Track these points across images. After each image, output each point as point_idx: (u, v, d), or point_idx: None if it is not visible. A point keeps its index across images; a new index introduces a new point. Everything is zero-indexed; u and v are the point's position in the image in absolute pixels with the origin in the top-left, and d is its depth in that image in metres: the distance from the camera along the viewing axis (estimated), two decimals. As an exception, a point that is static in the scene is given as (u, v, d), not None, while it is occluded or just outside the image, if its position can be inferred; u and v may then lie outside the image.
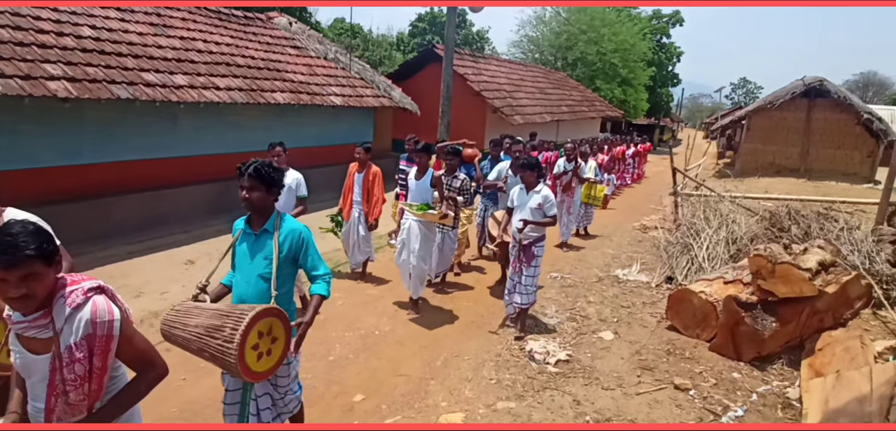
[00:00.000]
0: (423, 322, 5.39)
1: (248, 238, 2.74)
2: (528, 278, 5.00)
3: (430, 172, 5.35)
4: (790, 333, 4.77)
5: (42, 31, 7.11)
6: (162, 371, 1.95)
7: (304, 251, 2.73)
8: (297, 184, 5.12)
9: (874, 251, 6.23)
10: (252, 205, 2.65)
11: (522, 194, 5.03)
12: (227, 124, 9.43)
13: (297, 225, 2.74)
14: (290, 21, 13.65)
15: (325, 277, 2.74)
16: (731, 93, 78.52)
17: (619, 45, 28.47)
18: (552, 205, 4.88)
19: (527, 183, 4.96)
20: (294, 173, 5.11)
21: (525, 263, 4.96)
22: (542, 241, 5.06)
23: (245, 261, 2.72)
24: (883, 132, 17.23)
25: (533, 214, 4.86)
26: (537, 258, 5.00)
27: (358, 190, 6.07)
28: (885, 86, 57.00)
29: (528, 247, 4.95)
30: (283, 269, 2.68)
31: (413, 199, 5.39)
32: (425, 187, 5.33)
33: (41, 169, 6.93)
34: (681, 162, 11.20)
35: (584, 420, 3.77)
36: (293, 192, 5.07)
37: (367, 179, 6.02)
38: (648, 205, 12.92)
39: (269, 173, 2.62)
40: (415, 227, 5.31)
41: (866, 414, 2.68)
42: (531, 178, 4.90)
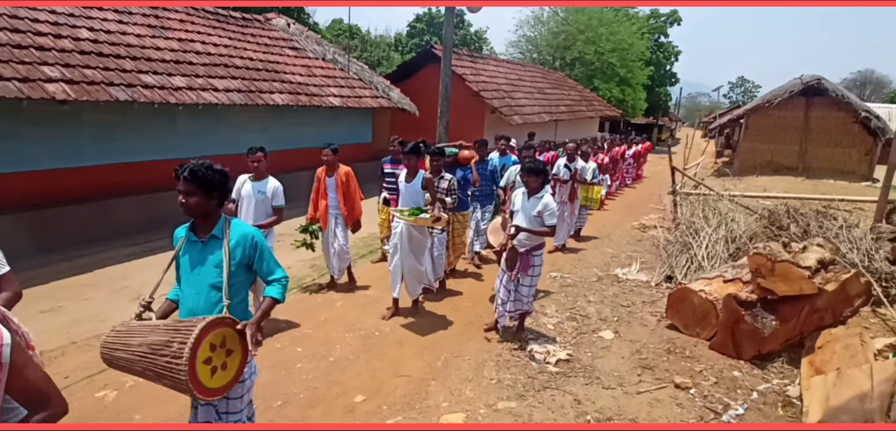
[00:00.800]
0: (422, 323, 5.38)
1: (194, 246, 2.52)
2: (525, 288, 4.79)
3: (420, 174, 5.17)
4: (790, 331, 4.77)
5: (40, 33, 7.10)
6: (58, 410, 1.64)
7: (259, 256, 2.57)
8: (274, 192, 4.89)
9: (873, 249, 6.24)
10: (190, 211, 2.44)
11: (524, 199, 4.81)
12: (226, 125, 9.42)
13: (248, 229, 2.58)
14: (288, 22, 13.64)
15: (282, 281, 2.60)
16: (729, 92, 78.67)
17: (617, 45, 28.50)
18: (552, 214, 4.64)
19: (530, 188, 4.74)
20: (273, 182, 4.91)
21: (522, 271, 4.73)
22: (540, 249, 4.83)
23: (193, 271, 2.51)
24: (881, 130, 17.27)
25: (531, 222, 4.64)
26: (535, 267, 4.78)
27: (332, 194, 5.77)
28: (883, 85, 57.12)
29: (526, 255, 4.73)
30: (235, 277, 2.50)
31: (404, 203, 5.21)
32: (416, 190, 5.15)
33: (40, 171, 6.92)
34: (679, 161, 11.21)
35: (585, 419, 3.77)
36: (268, 202, 4.87)
37: (341, 181, 5.74)
38: (647, 204, 12.92)
39: (206, 175, 2.40)
40: (407, 231, 5.16)
41: (867, 412, 2.68)
42: (535, 184, 4.68)
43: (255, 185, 4.91)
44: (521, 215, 4.74)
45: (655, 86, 35.67)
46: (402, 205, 5.21)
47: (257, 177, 4.94)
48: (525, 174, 4.73)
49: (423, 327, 5.28)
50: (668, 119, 41.24)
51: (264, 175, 4.94)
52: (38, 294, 5.57)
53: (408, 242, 5.17)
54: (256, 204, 4.85)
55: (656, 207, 12.18)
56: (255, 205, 4.85)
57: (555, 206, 4.70)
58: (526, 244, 4.70)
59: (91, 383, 3.96)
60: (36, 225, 6.59)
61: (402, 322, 5.36)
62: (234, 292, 2.48)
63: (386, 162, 6.74)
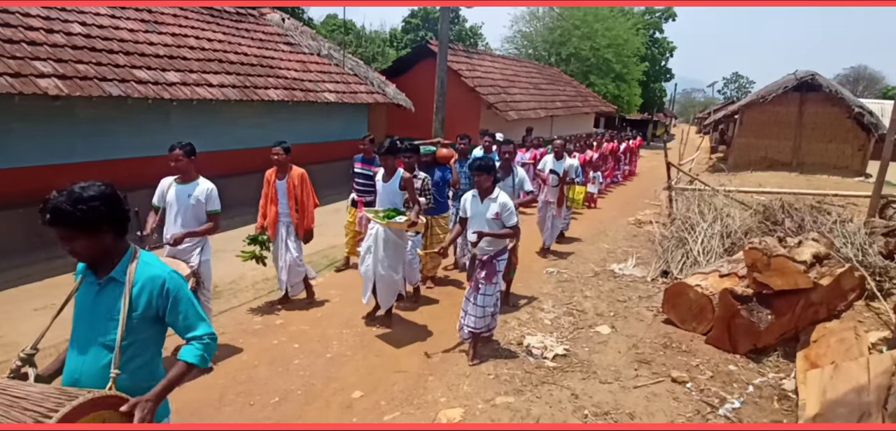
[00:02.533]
0: (419, 319, 5.38)
1: (90, 289, 1.97)
2: (486, 298, 4.35)
3: (399, 173, 4.87)
4: (785, 325, 4.80)
5: (31, 28, 7.02)
6: None
7: (172, 306, 1.99)
8: (207, 196, 4.20)
9: (867, 243, 6.29)
10: (81, 258, 1.94)
11: (476, 202, 4.38)
12: (221, 122, 9.37)
13: (159, 270, 1.99)
14: (282, 17, 13.56)
15: (205, 340, 2.03)
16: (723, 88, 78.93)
17: (613, 41, 28.52)
18: (511, 214, 4.28)
19: (481, 189, 4.33)
20: (204, 183, 4.25)
21: (485, 280, 4.31)
22: (503, 255, 4.45)
23: (84, 322, 1.97)
24: (874, 125, 17.37)
25: (490, 225, 4.28)
26: (499, 274, 4.44)
27: (283, 200, 5.16)
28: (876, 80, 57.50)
29: (489, 262, 4.33)
30: (138, 333, 1.95)
31: (381, 203, 4.92)
32: (394, 190, 4.86)
33: (32, 168, 6.85)
34: (675, 157, 11.24)
35: (582, 413, 3.78)
36: (201, 207, 4.20)
37: (292, 185, 5.13)
38: (642, 199, 12.96)
39: (80, 212, 1.82)
40: (383, 234, 4.81)
41: (864, 404, 2.70)
42: (486, 183, 4.28)
43: (182, 188, 4.18)
44: (475, 220, 4.37)
45: (650, 82, 35.71)
46: (380, 205, 4.93)
47: (184, 178, 4.21)
48: (474, 173, 4.31)
49: (420, 323, 5.27)
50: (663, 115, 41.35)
51: (193, 176, 4.21)
52: (32, 291, 5.53)
53: (383, 247, 4.79)
54: (186, 210, 4.15)
55: (652, 203, 12.22)
56: (183, 211, 4.15)
57: (512, 206, 4.34)
58: (488, 250, 4.36)
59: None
60: (29, 223, 6.52)
61: (398, 318, 5.35)
62: (134, 353, 1.95)
63: (357, 160, 6.34)
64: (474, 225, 4.37)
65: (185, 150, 4.16)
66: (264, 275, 6.32)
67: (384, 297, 4.98)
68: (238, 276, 6.33)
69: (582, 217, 10.68)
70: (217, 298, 5.66)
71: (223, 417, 3.60)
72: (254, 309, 5.39)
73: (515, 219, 4.33)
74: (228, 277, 6.27)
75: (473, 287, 4.38)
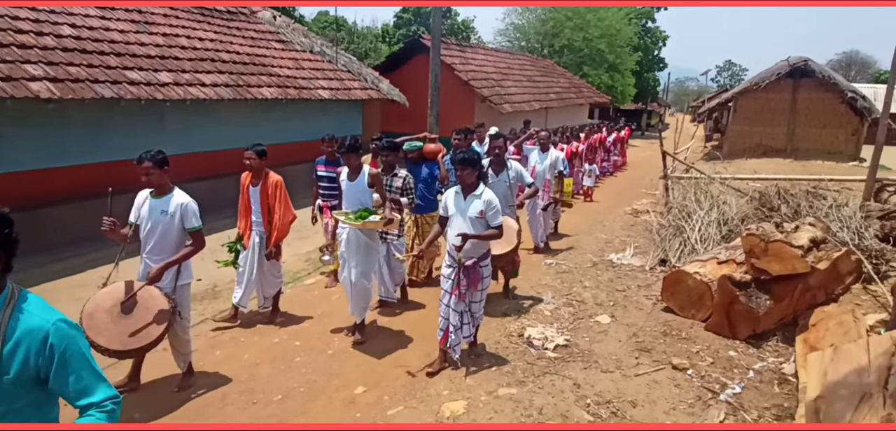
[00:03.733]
0: (419, 313, 5.38)
1: None
2: (474, 305, 4.13)
3: (364, 171, 4.47)
4: (784, 310, 4.83)
5: (21, 31, 6.94)
6: None
7: (59, 366, 1.57)
8: (183, 212, 3.62)
9: (863, 227, 6.33)
10: None
11: (458, 200, 4.00)
12: (215, 121, 9.31)
13: (41, 320, 1.58)
14: (274, 15, 13.47)
15: (104, 406, 1.63)
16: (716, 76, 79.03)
17: (605, 31, 28.49)
18: (496, 213, 3.92)
19: (464, 184, 3.95)
20: (179, 196, 3.67)
21: (471, 287, 3.99)
22: (486, 259, 4.11)
23: None
24: (867, 110, 17.47)
25: (474, 226, 3.89)
26: (484, 279, 4.09)
27: (256, 208, 4.77)
28: (868, 65, 57.73)
29: (474, 267, 3.96)
30: (12, 401, 1.56)
31: (348, 205, 4.52)
32: (361, 188, 4.46)
33: (25, 172, 6.79)
34: (670, 146, 11.26)
35: (584, 403, 3.79)
36: (177, 224, 3.63)
37: (265, 193, 4.72)
38: (639, 189, 12.99)
39: None
40: (354, 238, 4.48)
41: (866, 385, 2.73)
42: (470, 178, 3.92)
43: (156, 203, 3.64)
44: (459, 219, 3.97)
45: (644, 72, 35.73)
46: (347, 207, 4.55)
47: (158, 191, 3.66)
48: (458, 167, 3.93)
49: (421, 317, 5.28)
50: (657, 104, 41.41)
51: (167, 188, 3.67)
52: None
53: (354, 251, 4.50)
54: (160, 228, 3.62)
55: (648, 192, 12.26)
56: (157, 229, 3.63)
57: (498, 204, 3.99)
58: (473, 254, 3.96)
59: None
60: (25, 227, 6.39)
61: (398, 313, 5.35)
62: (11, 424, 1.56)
63: (319, 163, 5.89)
64: (457, 226, 3.96)
65: (154, 161, 3.57)
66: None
67: (356, 305, 4.63)
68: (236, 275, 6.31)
69: (577, 209, 10.70)
70: (216, 298, 5.65)
71: (226, 416, 3.60)
72: (254, 309, 5.38)
73: (500, 219, 3.97)
74: (227, 276, 6.23)
75: (459, 296, 3.99)
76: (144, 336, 3.33)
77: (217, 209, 8.74)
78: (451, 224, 4.03)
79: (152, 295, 3.48)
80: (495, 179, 5.33)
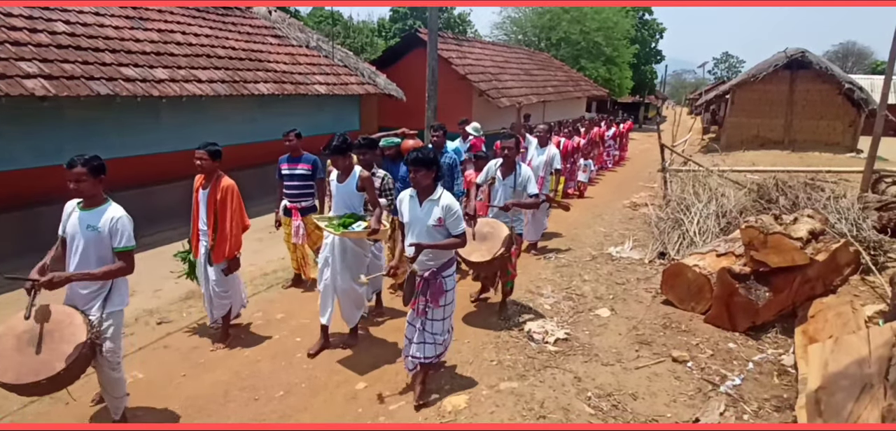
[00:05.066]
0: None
1: None
2: (435, 323, 3.62)
3: (356, 172, 4.18)
4: (783, 302, 4.85)
5: (14, 28, 6.88)
6: None
7: None
8: (111, 228, 3.06)
9: (861, 218, 6.35)
10: None
11: (413, 205, 3.59)
12: (211, 117, 9.26)
13: None
14: (269, 10, 13.39)
15: None
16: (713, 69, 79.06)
17: (602, 24, 28.45)
18: (457, 219, 3.49)
19: (420, 187, 3.52)
20: (113, 210, 3.11)
21: (431, 302, 3.54)
22: (450, 269, 3.65)
23: None
24: (864, 101, 17.50)
25: (431, 234, 3.50)
26: (448, 293, 3.62)
27: (203, 214, 4.26)
28: (865, 56, 57.83)
29: (434, 279, 3.53)
30: None
31: (337, 208, 4.26)
32: (351, 191, 4.18)
33: (21, 170, 6.74)
34: (667, 138, 11.25)
35: (585, 396, 3.80)
36: (106, 242, 3.08)
37: (213, 198, 4.17)
38: (637, 182, 13.00)
39: None
40: (339, 243, 4.20)
41: (866, 376, 2.74)
42: (426, 181, 3.47)
43: (84, 215, 3.11)
44: (414, 228, 3.58)
45: (641, 65, 35.71)
46: (335, 211, 4.29)
47: (88, 203, 3.13)
48: (410, 167, 3.50)
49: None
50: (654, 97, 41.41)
51: (99, 199, 3.14)
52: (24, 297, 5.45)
53: (341, 258, 4.21)
54: (87, 246, 3.08)
55: (646, 185, 12.27)
56: (84, 247, 3.08)
57: (459, 208, 3.55)
58: (430, 264, 3.55)
59: (89, 382, 3.89)
60: (21, 226, 6.44)
61: (400, 308, 5.34)
62: None
63: (282, 161, 5.49)
64: (413, 234, 3.57)
65: (89, 167, 3.02)
66: (262, 270, 6.29)
67: (348, 313, 4.41)
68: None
69: (575, 203, 10.70)
70: (215, 295, 5.63)
71: (229, 413, 3.59)
72: (254, 305, 5.36)
73: (463, 226, 3.54)
74: (226, 274, 6.23)
75: (417, 311, 3.60)
76: (43, 368, 2.74)
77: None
78: (410, 232, 3.60)
79: (73, 322, 2.93)
80: (501, 183, 5.06)
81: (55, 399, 3.71)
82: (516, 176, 5.04)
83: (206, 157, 4.14)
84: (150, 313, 5.08)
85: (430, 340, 3.63)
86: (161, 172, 8.41)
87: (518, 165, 5.10)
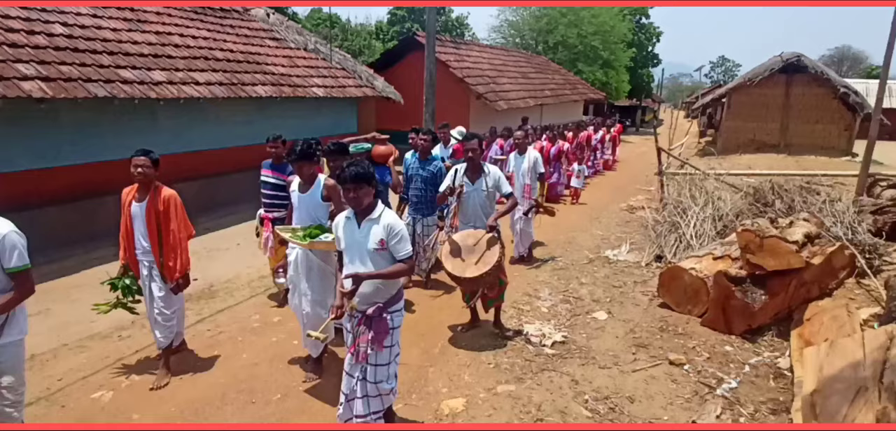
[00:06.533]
0: (418, 311, 5.38)
1: None
2: (379, 370, 3.03)
3: (319, 181, 3.84)
4: (779, 305, 4.87)
5: (11, 30, 6.87)
6: None
7: None
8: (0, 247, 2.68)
9: (856, 222, 6.38)
10: None
11: (350, 227, 3.02)
12: (209, 120, 9.26)
13: None
14: (267, 12, 13.41)
15: None
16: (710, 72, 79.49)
17: (599, 28, 28.53)
18: (402, 239, 2.96)
19: (357, 208, 2.96)
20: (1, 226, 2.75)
21: (374, 343, 2.96)
22: (398, 303, 3.10)
23: None
24: (859, 105, 17.58)
25: (373, 260, 2.94)
26: (394, 331, 3.06)
27: (141, 229, 3.80)
28: (860, 60, 58.17)
29: (378, 317, 2.97)
30: None
31: (300, 219, 3.86)
32: (315, 201, 3.78)
33: (18, 172, 6.73)
34: (664, 142, 11.30)
35: (582, 398, 3.81)
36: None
37: (153, 211, 3.76)
38: (634, 185, 13.04)
39: None
40: (305, 259, 3.79)
41: (861, 379, 2.76)
42: (364, 199, 2.93)
43: None
44: (351, 254, 3.00)
45: (638, 68, 35.80)
46: (298, 222, 3.88)
47: None
48: (345, 187, 2.93)
49: (419, 315, 5.28)
50: (651, 100, 41.51)
51: None
52: (23, 297, 5.44)
53: (306, 275, 3.81)
54: None
55: (643, 189, 12.31)
56: None
57: (402, 226, 3.00)
58: (374, 298, 2.99)
59: (86, 384, 3.89)
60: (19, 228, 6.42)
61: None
62: None
63: (265, 166, 5.16)
64: (350, 263, 3.00)
65: None
66: (260, 273, 6.29)
67: (310, 340, 3.77)
68: (234, 275, 6.30)
69: (572, 206, 10.73)
70: (213, 298, 5.63)
71: (225, 416, 3.59)
72: (251, 308, 5.36)
73: (409, 248, 3.00)
74: (224, 276, 6.24)
75: (357, 356, 3.00)
76: None
77: (212, 208, 8.72)
78: (348, 260, 3.03)
79: None
80: (472, 187, 4.69)
81: (52, 401, 3.70)
82: (485, 177, 4.67)
83: (149, 165, 3.77)
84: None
85: (375, 392, 3.06)
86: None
87: (484, 167, 4.74)
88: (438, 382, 4.02)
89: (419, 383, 4.02)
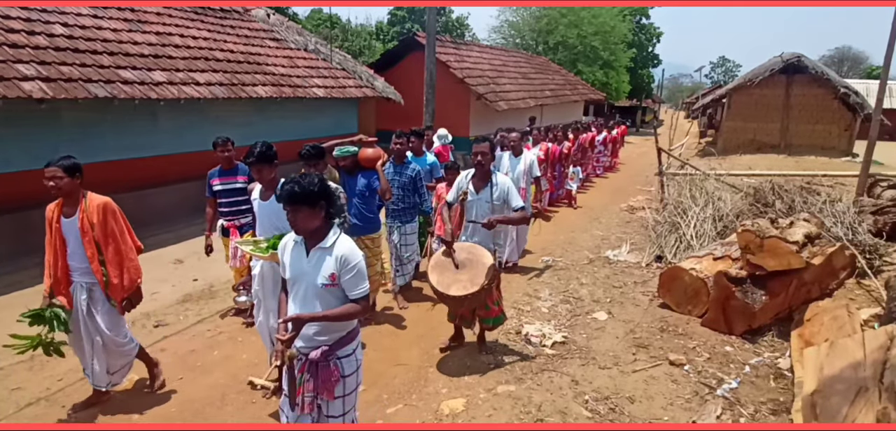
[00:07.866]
0: (417, 312, 5.38)
1: None
2: (335, 420, 2.56)
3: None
4: (779, 305, 4.87)
5: (12, 31, 6.88)
6: None
7: None
8: None
9: (856, 222, 6.38)
10: None
11: (298, 255, 2.50)
12: (209, 120, 9.26)
13: None
14: (267, 12, 13.42)
15: None
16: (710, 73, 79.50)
17: (600, 28, 28.53)
18: (358, 275, 2.44)
19: (306, 232, 2.44)
20: None
21: (324, 392, 2.47)
22: (349, 346, 2.54)
23: None
24: (859, 106, 17.58)
25: (321, 298, 2.43)
26: (348, 378, 2.54)
27: (75, 247, 3.32)
28: (860, 61, 58.16)
29: (325, 362, 2.47)
30: None
31: (262, 228, 3.51)
32: (278, 209, 3.01)
33: (17, 173, 6.73)
34: (664, 142, 11.29)
35: (582, 399, 3.81)
36: None
37: (87, 224, 3.29)
38: (634, 186, 13.03)
39: None
40: (271, 273, 3.45)
41: (861, 379, 2.75)
42: (311, 223, 2.41)
43: None
44: (297, 289, 2.50)
45: (638, 69, 35.80)
46: (261, 232, 3.54)
47: None
48: (288, 207, 2.39)
49: (418, 316, 5.28)
50: (651, 101, 41.51)
51: None
52: (22, 298, 5.43)
53: (272, 290, 3.47)
54: None
55: (643, 189, 12.30)
56: None
57: (360, 258, 2.48)
58: (319, 339, 2.48)
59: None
60: (17, 228, 6.42)
61: (395, 312, 5.35)
62: None
63: (213, 175, 4.83)
64: (293, 299, 2.52)
65: None
66: (259, 274, 6.28)
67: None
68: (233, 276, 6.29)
69: (569, 211, 10.72)
70: (213, 298, 5.63)
71: (225, 416, 3.59)
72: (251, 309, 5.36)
73: (366, 286, 2.49)
74: (224, 277, 6.22)
75: (302, 407, 2.48)
76: None
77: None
78: (293, 296, 2.52)
79: None
80: (475, 197, 4.20)
81: (52, 401, 3.70)
82: (492, 187, 4.18)
83: (62, 176, 3.20)
84: (147, 316, 5.06)
85: None
86: (158, 175, 8.41)
87: (494, 175, 4.24)
88: (438, 382, 4.02)
89: (419, 383, 4.02)
